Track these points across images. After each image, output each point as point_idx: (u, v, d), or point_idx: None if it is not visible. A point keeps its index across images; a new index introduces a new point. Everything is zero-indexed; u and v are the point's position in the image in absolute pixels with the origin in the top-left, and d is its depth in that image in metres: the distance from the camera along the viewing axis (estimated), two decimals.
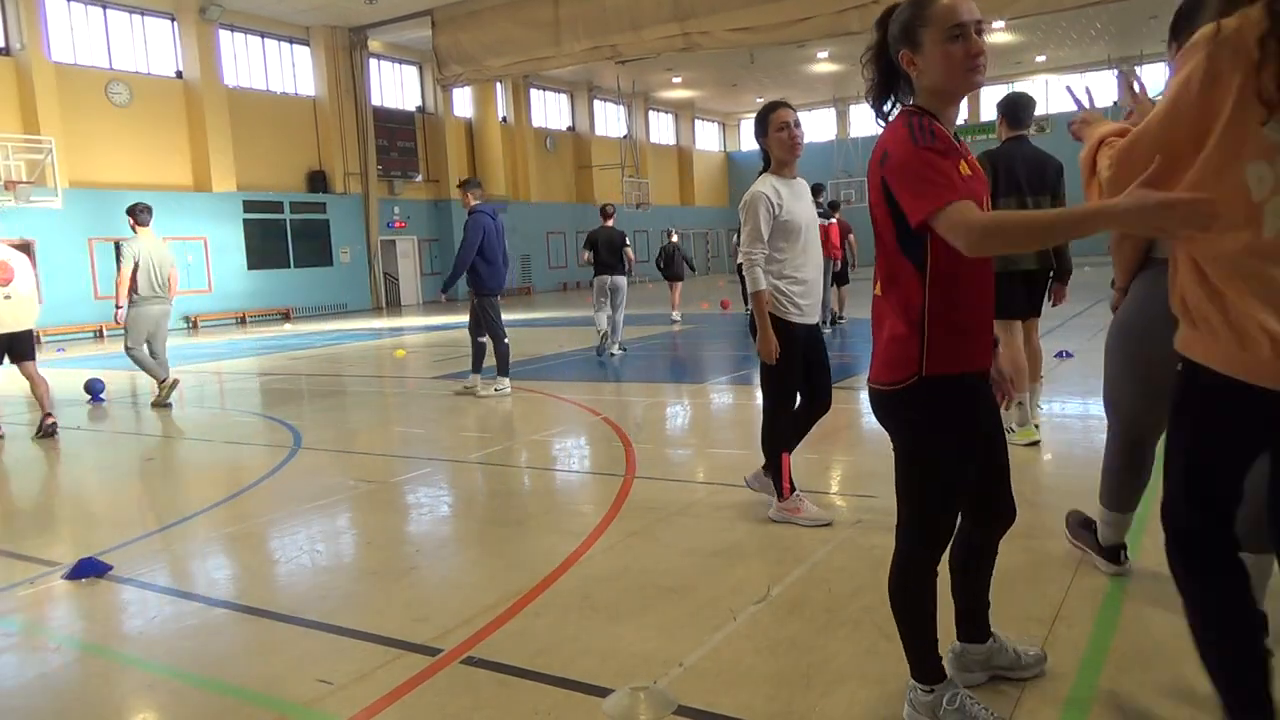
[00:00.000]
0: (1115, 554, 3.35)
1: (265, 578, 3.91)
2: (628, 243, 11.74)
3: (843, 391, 7.82)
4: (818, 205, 11.94)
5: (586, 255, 11.67)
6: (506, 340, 8.74)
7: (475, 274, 8.60)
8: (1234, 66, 1.72)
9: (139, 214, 9.07)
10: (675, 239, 16.99)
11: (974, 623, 2.58)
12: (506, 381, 8.67)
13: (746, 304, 4.09)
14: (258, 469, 6.00)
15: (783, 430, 4.22)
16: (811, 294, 4.13)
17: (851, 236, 13.65)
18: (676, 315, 16.14)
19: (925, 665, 2.35)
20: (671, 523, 4.30)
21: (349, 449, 6.66)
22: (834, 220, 12.77)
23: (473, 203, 8.68)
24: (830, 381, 4.34)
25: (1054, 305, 5.58)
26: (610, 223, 11.60)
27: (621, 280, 11.50)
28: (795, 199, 4.08)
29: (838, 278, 13.12)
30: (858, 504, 4.47)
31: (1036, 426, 5.42)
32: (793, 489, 4.20)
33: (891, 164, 2.11)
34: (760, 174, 4.13)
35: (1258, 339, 1.79)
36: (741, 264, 4.10)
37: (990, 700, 2.48)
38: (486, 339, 8.87)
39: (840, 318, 13.36)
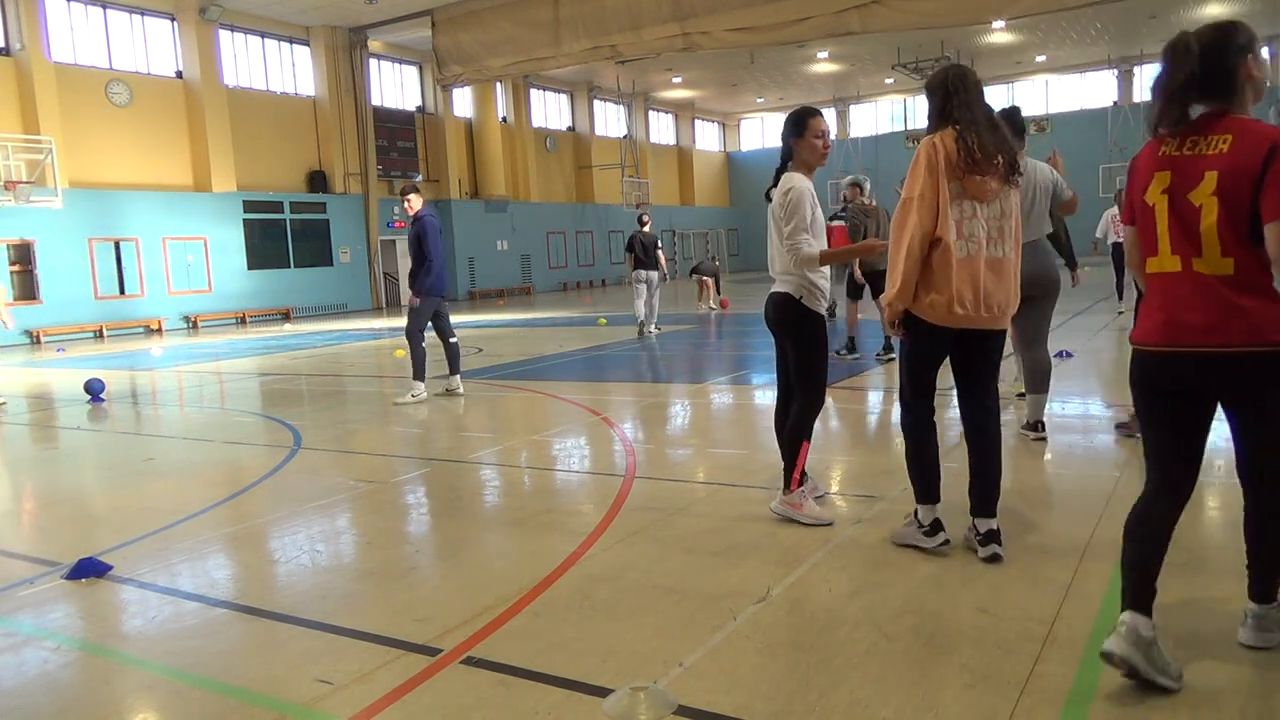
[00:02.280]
0: None
1: (265, 578, 3.91)
2: (660, 245, 14.18)
3: (843, 391, 7.83)
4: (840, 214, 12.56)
5: (630, 257, 13.92)
6: (424, 345, 8.60)
7: (413, 276, 8.49)
8: (940, 156, 3.46)
9: None
10: (710, 249, 21.76)
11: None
12: (422, 387, 8.48)
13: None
14: (258, 469, 6.00)
15: (813, 421, 4.24)
16: None
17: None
18: (711, 306, 18.49)
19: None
20: (671, 523, 4.30)
21: (349, 449, 6.66)
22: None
23: (421, 205, 8.60)
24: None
25: (1074, 286, 6.85)
26: (647, 228, 14.02)
27: (654, 274, 13.67)
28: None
29: None
30: (858, 504, 4.47)
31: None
32: (800, 484, 4.22)
33: None
34: (787, 170, 4.17)
35: (938, 301, 3.49)
36: (789, 251, 4.05)
37: (985, 693, 2.48)
38: (455, 339, 8.76)
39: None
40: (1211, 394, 2.59)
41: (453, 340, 8.75)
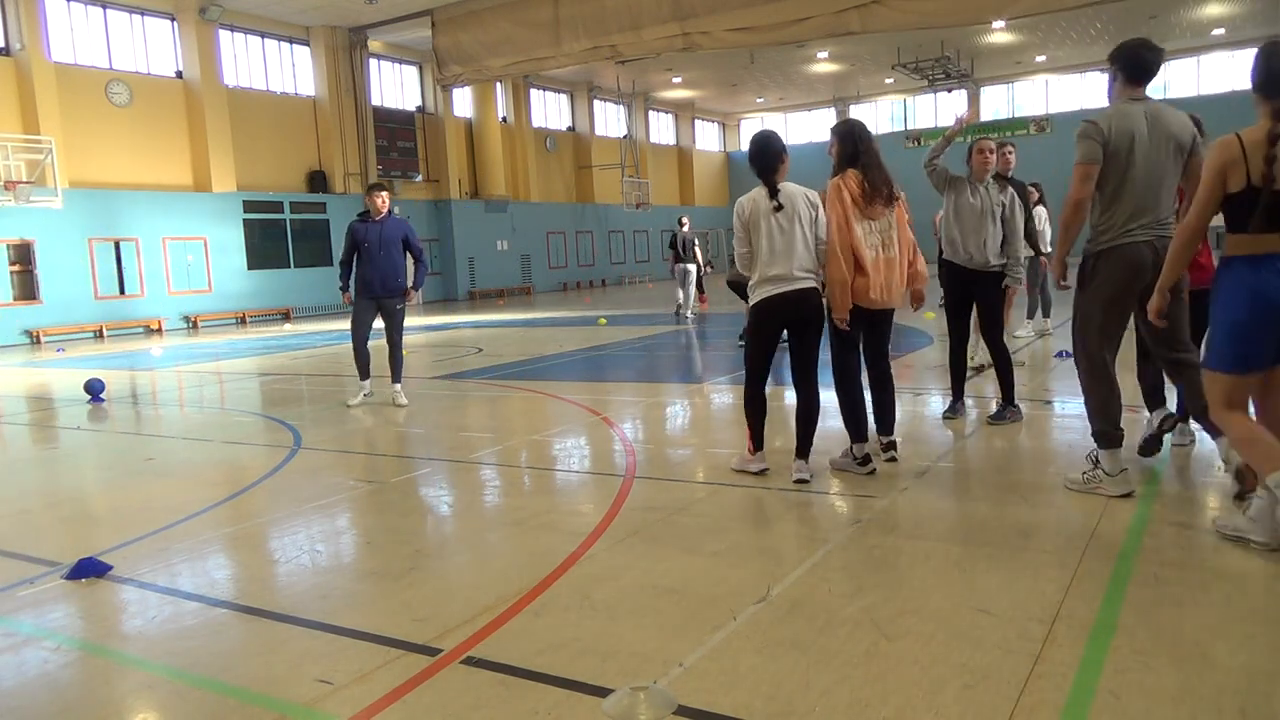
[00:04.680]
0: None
1: (265, 578, 3.91)
2: (697, 244, 16.81)
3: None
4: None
5: (672, 253, 16.71)
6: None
7: (409, 274, 8.34)
8: (844, 191, 4.76)
9: None
10: (707, 240, 23.09)
11: None
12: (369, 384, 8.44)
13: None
14: (258, 469, 6.00)
15: None
16: None
17: None
18: (699, 304, 19.59)
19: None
20: (671, 523, 4.30)
21: (349, 449, 6.66)
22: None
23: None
24: None
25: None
26: (685, 228, 16.70)
27: (692, 267, 16.42)
28: None
29: None
30: (858, 504, 4.47)
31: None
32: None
33: None
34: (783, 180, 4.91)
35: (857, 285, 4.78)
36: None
37: (985, 693, 2.48)
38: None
39: None
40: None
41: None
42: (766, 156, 4.81)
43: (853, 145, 4.85)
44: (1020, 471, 4.99)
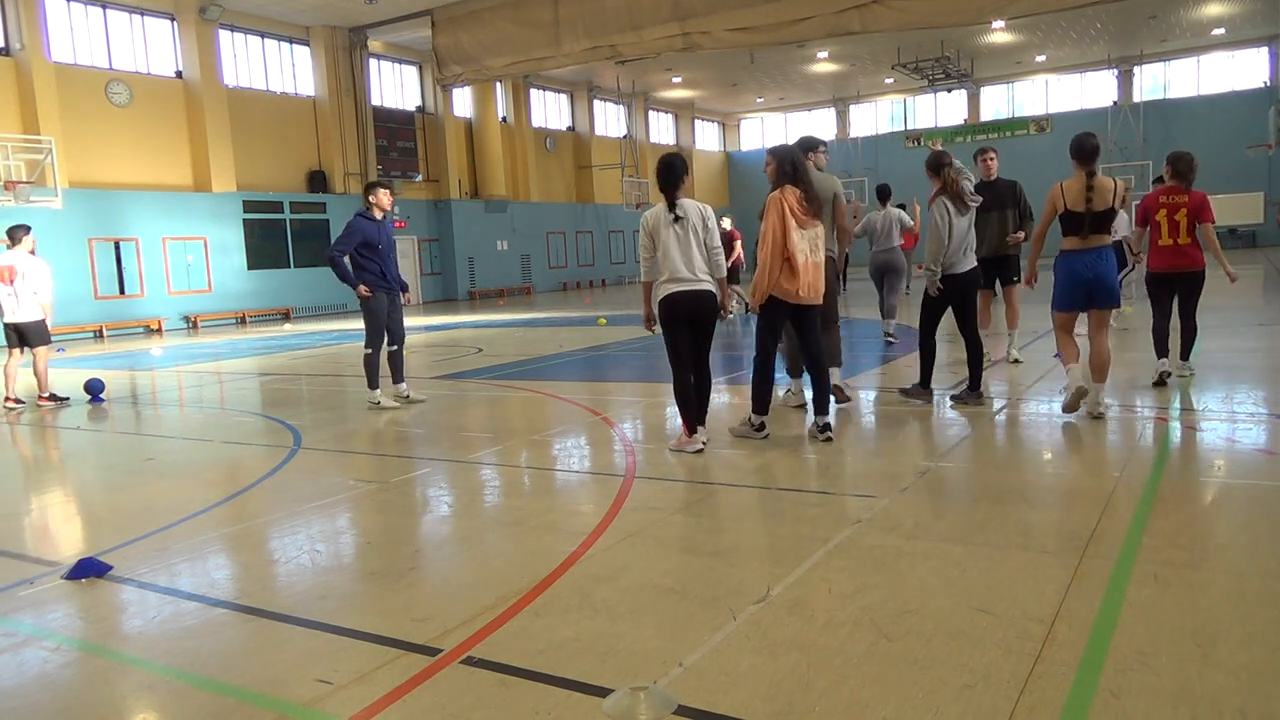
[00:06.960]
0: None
1: (265, 578, 3.91)
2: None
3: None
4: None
5: None
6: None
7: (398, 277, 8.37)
8: (784, 204, 5.58)
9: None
10: None
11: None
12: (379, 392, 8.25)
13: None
14: (258, 469, 6.00)
15: None
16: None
17: (739, 243, 16.22)
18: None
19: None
20: (671, 523, 4.30)
21: (349, 449, 6.66)
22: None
23: None
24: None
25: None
26: (726, 227, 16.81)
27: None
28: None
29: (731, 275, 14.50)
30: (857, 504, 4.47)
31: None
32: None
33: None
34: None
35: (788, 286, 5.69)
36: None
37: (985, 693, 2.48)
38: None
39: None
40: (1179, 289, 7.15)
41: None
42: (674, 176, 5.62)
43: (791, 167, 5.70)
44: (1020, 471, 4.99)
